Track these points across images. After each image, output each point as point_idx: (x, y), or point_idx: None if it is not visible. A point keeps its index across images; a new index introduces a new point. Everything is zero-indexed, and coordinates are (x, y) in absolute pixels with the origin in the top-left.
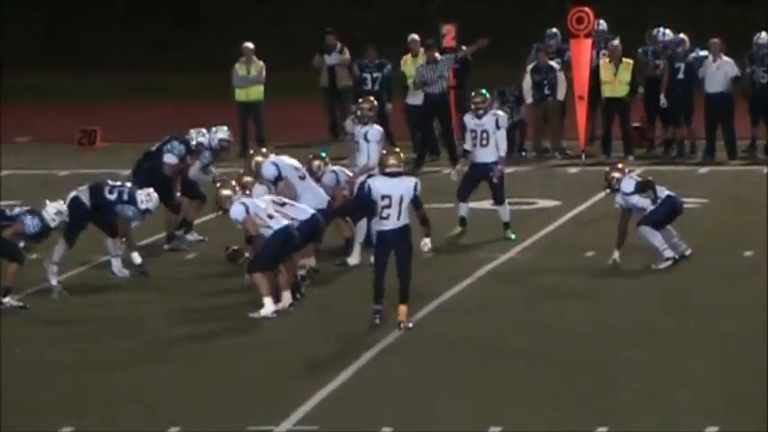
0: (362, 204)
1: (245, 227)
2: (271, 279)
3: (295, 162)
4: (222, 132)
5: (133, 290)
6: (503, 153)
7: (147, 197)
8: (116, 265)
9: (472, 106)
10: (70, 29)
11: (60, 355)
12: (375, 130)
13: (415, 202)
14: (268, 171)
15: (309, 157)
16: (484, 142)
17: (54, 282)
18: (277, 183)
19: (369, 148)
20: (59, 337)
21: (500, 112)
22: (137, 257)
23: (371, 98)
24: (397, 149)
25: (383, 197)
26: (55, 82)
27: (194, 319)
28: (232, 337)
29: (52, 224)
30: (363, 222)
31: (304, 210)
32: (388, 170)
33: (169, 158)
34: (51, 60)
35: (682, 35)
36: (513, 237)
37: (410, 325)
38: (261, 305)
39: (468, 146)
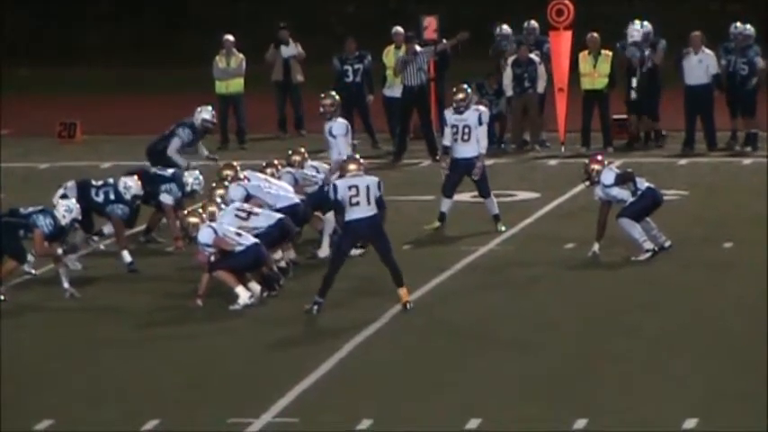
0: (333, 204)
1: (219, 246)
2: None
3: (261, 180)
4: (206, 113)
5: (113, 282)
6: (483, 150)
7: (127, 188)
8: (71, 257)
9: (454, 102)
10: (54, 22)
11: (40, 347)
12: (339, 124)
13: (379, 204)
14: (236, 193)
15: (262, 167)
16: (465, 137)
17: (66, 285)
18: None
19: (336, 142)
20: (39, 329)
21: (483, 108)
22: (127, 256)
23: (332, 93)
24: (357, 155)
25: (350, 187)
26: (36, 75)
27: (175, 312)
28: (212, 331)
29: (63, 222)
30: (330, 215)
31: (269, 215)
32: (350, 175)
33: (166, 199)
34: (33, 53)
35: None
36: (503, 229)
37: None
38: (235, 297)
39: (447, 141)
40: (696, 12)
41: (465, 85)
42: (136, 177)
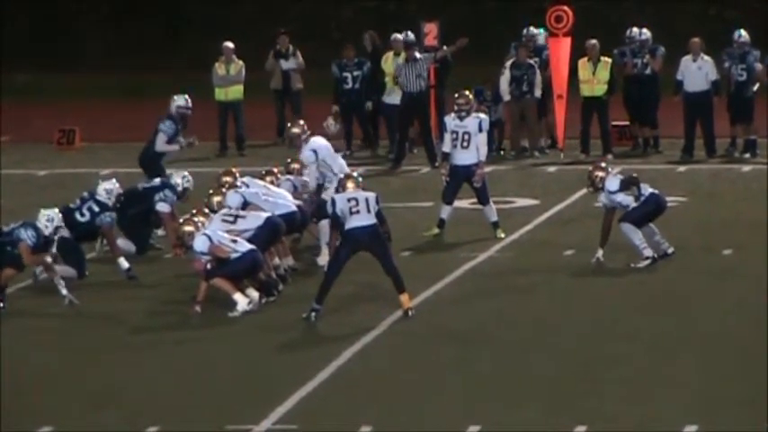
0: (331, 218)
1: (214, 254)
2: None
3: (260, 187)
4: (180, 99)
5: (112, 289)
6: (483, 157)
7: (108, 193)
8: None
9: (455, 107)
10: (52, 28)
11: (39, 353)
12: (306, 154)
13: (379, 217)
14: (234, 200)
15: (262, 174)
16: (465, 144)
17: (64, 292)
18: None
19: (313, 165)
20: (37, 335)
21: (483, 115)
22: (124, 263)
23: (301, 122)
24: (354, 173)
25: (349, 200)
26: (34, 81)
27: (173, 319)
28: (210, 337)
29: (46, 231)
30: (325, 222)
31: (257, 216)
32: (348, 191)
33: (163, 207)
34: (32, 60)
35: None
36: (502, 235)
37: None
38: (234, 304)
39: (446, 148)
40: (695, 18)
41: (467, 91)
42: (114, 180)
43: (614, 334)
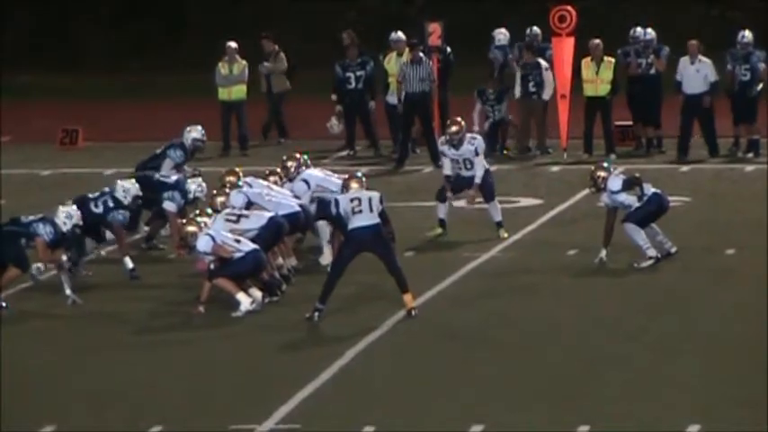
0: (334, 219)
1: (217, 254)
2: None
3: (263, 187)
4: (196, 132)
5: (115, 289)
6: (478, 180)
7: (126, 191)
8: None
9: (447, 137)
10: (55, 29)
11: (41, 352)
12: (298, 185)
13: (382, 217)
14: (237, 200)
15: (266, 174)
16: (468, 167)
17: (68, 292)
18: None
19: (303, 200)
20: (40, 334)
21: (477, 138)
22: (129, 262)
23: (297, 155)
24: (359, 174)
25: (352, 200)
26: (37, 82)
27: (176, 319)
28: (213, 337)
29: (64, 228)
30: (323, 222)
31: (259, 216)
32: (352, 191)
33: (169, 206)
34: (34, 60)
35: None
36: (506, 236)
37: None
38: (237, 304)
39: (447, 171)
40: (698, 18)
41: (459, 118)
42: (133, 180)
43: (617, 334)
